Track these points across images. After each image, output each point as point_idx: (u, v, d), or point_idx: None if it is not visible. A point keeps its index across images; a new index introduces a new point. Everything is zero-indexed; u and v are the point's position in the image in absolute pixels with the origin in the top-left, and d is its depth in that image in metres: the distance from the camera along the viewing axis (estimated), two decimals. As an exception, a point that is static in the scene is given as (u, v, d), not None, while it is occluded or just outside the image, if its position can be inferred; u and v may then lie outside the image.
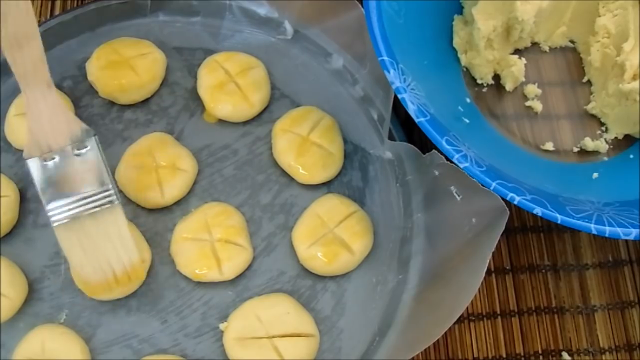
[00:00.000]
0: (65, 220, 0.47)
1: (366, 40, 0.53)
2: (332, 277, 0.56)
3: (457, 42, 0.63)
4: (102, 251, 0.48)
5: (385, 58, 0.51)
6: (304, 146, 0.58)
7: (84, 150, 0.47)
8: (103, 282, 0.49)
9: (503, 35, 0.62)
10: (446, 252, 0.53)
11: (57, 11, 0.68)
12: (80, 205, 0.47)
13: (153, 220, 0.57)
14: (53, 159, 0.46)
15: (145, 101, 0.61)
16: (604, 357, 0.57)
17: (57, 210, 0.47)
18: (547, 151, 0.60)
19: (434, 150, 0.52)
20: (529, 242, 0.60)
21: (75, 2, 0.68)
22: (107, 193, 0.47)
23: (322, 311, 0.55)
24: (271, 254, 0.56)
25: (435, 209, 0.55)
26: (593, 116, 0.62)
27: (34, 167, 0.47)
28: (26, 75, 0.46)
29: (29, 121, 0.47)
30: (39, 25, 0.60)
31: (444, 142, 0.49)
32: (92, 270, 0.48)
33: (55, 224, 0.47)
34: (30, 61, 0.46)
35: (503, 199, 0.48)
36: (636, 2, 0.60)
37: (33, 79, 0.46)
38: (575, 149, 0.61)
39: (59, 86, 0.61)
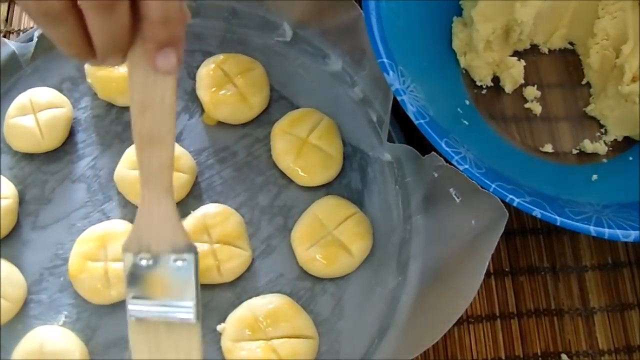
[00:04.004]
0: (141, 317, 0.45)
1: (365, 42, 0.53)
2: (331, 279, 0.55)
3: (456, 44, 0.63)
4: None
5: (385, 60, 0.51)
6: (303, 148, 0.58)
7: (180, 263, 0.44)
8: None
9: (502, 37, 0.62)
10: (445, 254, 0.53)
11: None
12: (160, 311, 0.45)
13: (152, 222, 0.57)
14: (148, 259, 0.44)
15: (145, 103, 0.61)
16: (603, 359, 0.56)
17: (137, 306, 0.45)
18: (546, 153, 0.60)
19: (433, 152, 0.52)
20: (528, 244, 0.60)
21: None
22: (188, 309, 0.45)
23: (321, 313, 0.55)
24: (270, 256, 0.56)
25: (435, 211, 0.55)
26: (592, 118, 0.63)
27: (128, 260, 0.44)
28: (149, 175, 0.43)
29: (137, 217, 0.44)
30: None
31: (443, 144, 0.49)
32: None
33: (130, 318, 0.45)
34: (157, 162, 0.43)
35: (502, 200, 0.48)
36: (635, 4, 0.60)
37: (154, 181, 0.43)
38: (575, 151, 0.61)
39: (58, 88, 0.61)
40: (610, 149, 0.61)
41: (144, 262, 0.44)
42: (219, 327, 0.53)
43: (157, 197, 0.44)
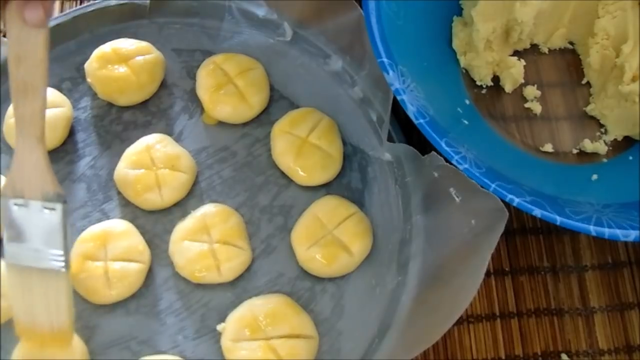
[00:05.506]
0: (16, 261, 0.48)
1: (365, 42, 0.53)
2: (331, 279, 0.55)
3: (456, 43, 0.63)
4: (35, 305, 0.49)
5: (385, 59, 0.51)
6: (303, 148, 0.58)
7: (48, 212, 0.48)
8: (29, 329, 0.49)
9: (502, 37, 0.62)
10: (445, 253, 0.53)
11: (56, 13, 0.68)
12: (33, 257, 0.48)
13: (152, 222, 0.57)
14: (20, 205, 0.48)
15: (144, 103, 0.61)
16: (603, 359, 0.56)
17: (13, 250, 0.48)
18: (546, 153, 0.60)
19: (433, 152, 0.52)
20: (528, 244, 0.60)
21: (74, 3, 0.68)
22: (58, 258, 0.48)
23: (321, 313, 0.54)
24: (270, 255, 0.56)
25: (435, 211, 0.55)
26: (592, 118, 0.62)
27: (4, 205, 0.48)
28: (22, 124, 0.48)
29: (12, 164, 0.48)
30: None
31: (443, 144, 0.49)
32: (22, 314, 0.49)
33: (6, 261, 0.49)
34: (30, 111, 0.47)
35: (502, 200, 0.48)
36: (635, 4, 0.60)
37: (27, 129, 0.48)
38: (575, 151, 0.61)
39: (57, 88, 0.61)
40: (610, 148, 0.61)
41: (16, 207, 0.47)
42: (219, 327, 0.53)
43: (30, 146, 0.48)
